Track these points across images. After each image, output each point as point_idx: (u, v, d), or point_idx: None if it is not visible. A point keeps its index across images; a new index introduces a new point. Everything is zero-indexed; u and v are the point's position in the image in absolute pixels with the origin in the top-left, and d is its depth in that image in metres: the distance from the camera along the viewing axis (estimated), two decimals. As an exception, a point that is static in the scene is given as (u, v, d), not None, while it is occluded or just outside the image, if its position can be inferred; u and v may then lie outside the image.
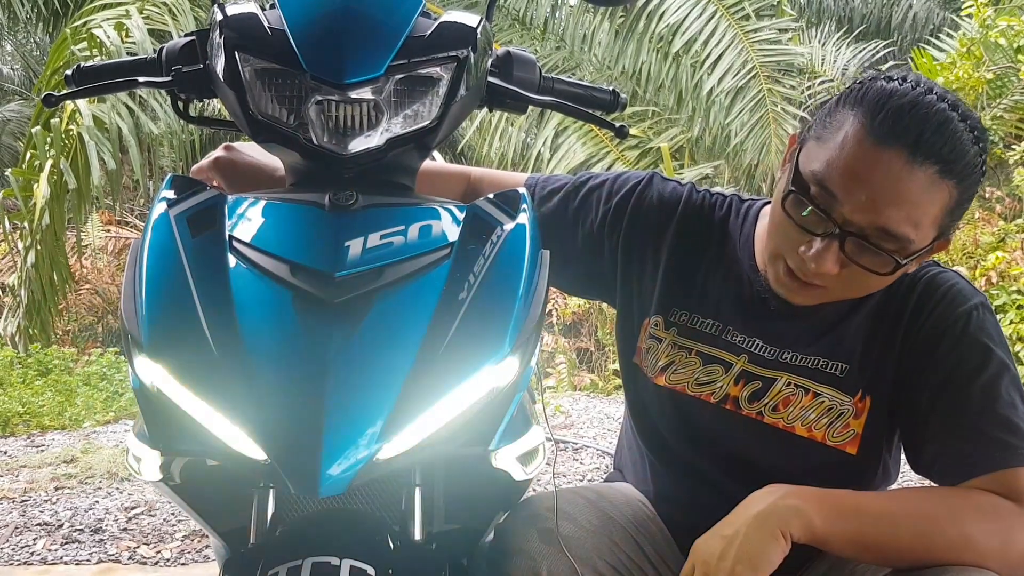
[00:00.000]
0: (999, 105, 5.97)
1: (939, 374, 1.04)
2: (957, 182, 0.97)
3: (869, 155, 0.95)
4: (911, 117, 0.95)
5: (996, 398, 1.02)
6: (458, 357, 0.80)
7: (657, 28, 6.16)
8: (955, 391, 1.03)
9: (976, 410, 1.02)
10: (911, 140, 0.94)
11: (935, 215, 0.98)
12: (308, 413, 0.75)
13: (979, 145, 0.99)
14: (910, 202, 0.95)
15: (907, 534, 0.95)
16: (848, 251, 0.98)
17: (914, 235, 0.97)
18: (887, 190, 0.95)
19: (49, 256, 4.59)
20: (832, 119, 1.00)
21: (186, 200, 0.91)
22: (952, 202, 0.98)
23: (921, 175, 0.95)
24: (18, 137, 9.55)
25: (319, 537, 0.88)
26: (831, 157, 0.98)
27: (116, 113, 4.50)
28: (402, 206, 0.91)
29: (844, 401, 1.09)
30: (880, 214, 0.96)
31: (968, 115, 0.99)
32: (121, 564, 2.61)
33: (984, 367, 1.03)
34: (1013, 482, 0.98)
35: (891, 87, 0.98)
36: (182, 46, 1.04)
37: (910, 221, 0.96)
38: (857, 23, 9.76)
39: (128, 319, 0.83)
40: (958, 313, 1.05)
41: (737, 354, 1.15)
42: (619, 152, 5.96)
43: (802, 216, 0.99)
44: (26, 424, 4.33)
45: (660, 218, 1.20)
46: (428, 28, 0.94)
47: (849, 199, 0.96)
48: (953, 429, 1.02)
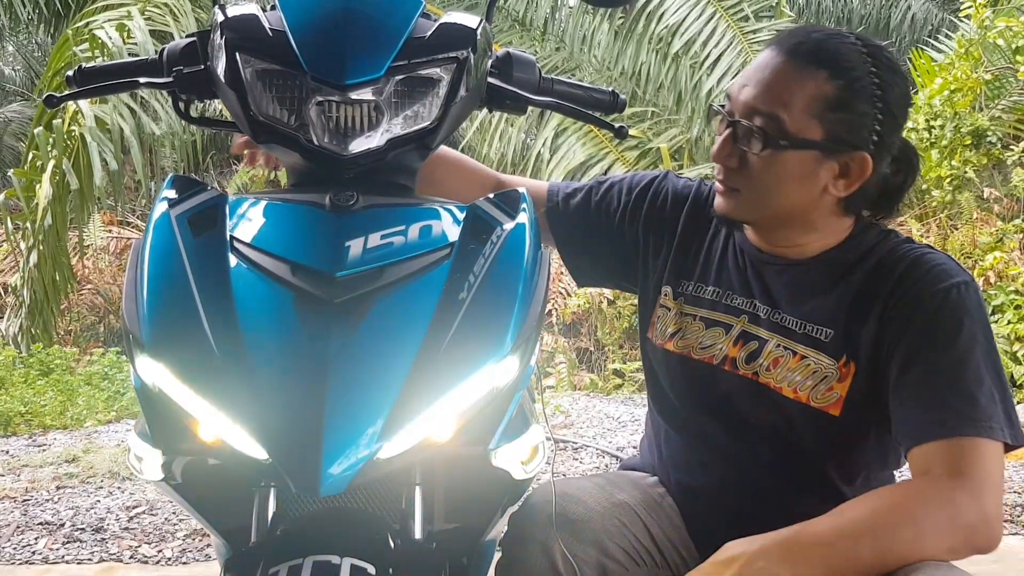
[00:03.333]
0: (997, 106, 5.97)
1: (913, 344, 1.07)
2: (831, 74, 1.08)
3: (756, 59, 1.14)
4: (803, 30, 1.14)
5: (963, 371, 1.05)
6: (458, 357, 0.81)
7: (656, 29, 6.16)
8: (925, 361, 1.06)
9: (941, 381, 1.05)
10: (795, 41, 1.11)
11: (805, 101, 1.08)
12: (309, 412, 0.76)
13: (870, 59, 1.10)
14: (777, 83, 1.09)
15: (867, 549, 0.97)
16: (739, 139, 1.11)
17: (784, 114, 1.08)
18: (759, 75, 1.11)
19: (51, 256, 4.59)
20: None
21: (187, 200, 0.91)
22: (827, 93, 1.07)
23: (792, 62, 1.09)
24: (20, 138, 9.55)
25: (320, 536, 0.88)
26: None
27: (118, 114, 4.50)
28: (402, 206, 0.92)
29: (828, 365, 1.12)
30: (752, 94, 1.10)
31: (869, 42, 1.13)
32: (123, 563, 2.61)
33: (955, 340, 1.06)
34: (959, 453, 1.01)
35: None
36: (183, 47, 1.05)
37: (778, 100, 1.08)
38: (856, 24, 9.75)
39: (129, 319, 0.83)
40: (939, 288, 1.08)
41: (737, 316, 1.21)
42: (619, 153, 5.96)
43: (714, 120, 1.16)
44: (28, 423, 4.33)
45: (673, 206, 1.30)
46: (428, 29, 0.95)
47: (734, 93, 1.13)
48: (917, 397, 1.06)
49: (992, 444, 1.02)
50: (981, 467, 1.01)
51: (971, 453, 1.01)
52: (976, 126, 5.63)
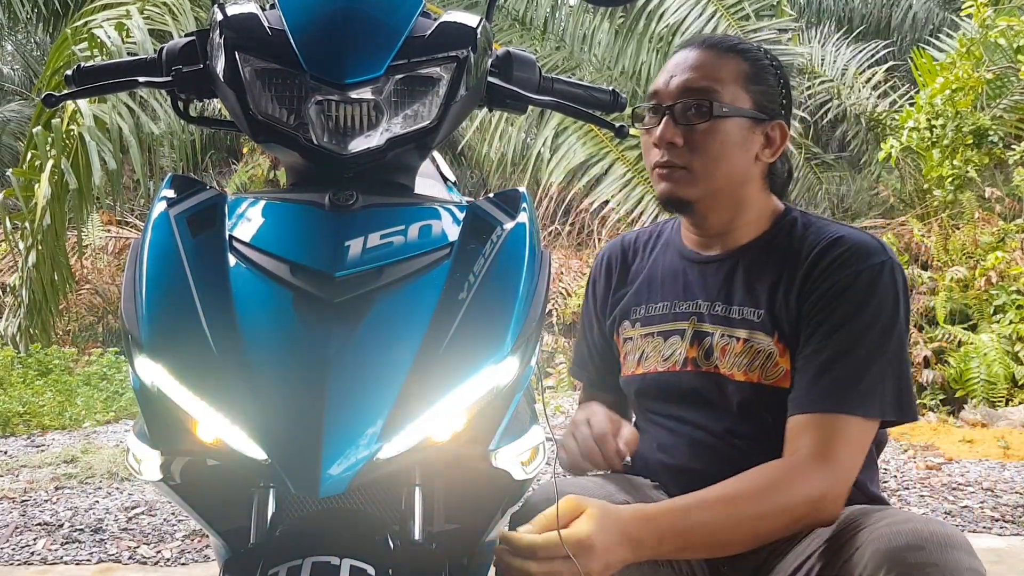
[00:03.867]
0: (999, 105, 5.98)
1: (818, 321, 1.17)
2: (740, 56, 1.27)
3: (671, 59, 1.31)
4: (700, 37, 1.33)
5: (854, 347, 1.14)
6: (458, 357, 0.80)
7: (657, 28, 6.16)
8: (823, 334, 1.16)
9: (830, 355, 1.14)
10: (691, 42, 1.31)
11: (731, 75, 1.25)
12: (308, 413, 0.75)
13: (761, 50, 1.30)
14: (703, 64, 1.26)
15: (723, 530, 1.06)
16: (678, 119, 1.24)
17: (719, 87, 1.24)
18: (684, 65, 1.27)
19: (50, 256, 4.59)
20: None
21: (186, 200, 0.91)
22: (745, 69, 1.26)
23: (707, 51, 1.28)
24: (19, 137, 9.55)
25: (319, 537, 0.88)
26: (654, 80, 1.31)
27: (117, 113, 4.49)
28: (402, 206, 0.91)
29: (767, 342, 1.22)
30: (683, 78, 1.26)
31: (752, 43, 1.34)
32: (121, 564, 2.61)
33: (855, 319, 1.15)
34: (827, 431, 1.11)
35: None
36: (182, 46, 1.04)
37: (708, 76, 1.25)
38: (857, 23, 9.75)
39: (128, 319, 0.83)
40: (853, 268, 1.17)
41: (687, 319, 1.31)
42: (619, 152, 5.96)
43: (644, 120, 1.29)
44: (26, 424, 4.33)
45: (610, 275, 1.46)
46: (428, 28, 0.94)
47: (662, 84, 1.28)
48: (807, 370, 1.16)
49: (863, 423, 1.12)
50: (844, 447, 1.11)
51: (838, 432, 1.11)
52: (977, 125, 5.63)
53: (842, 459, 1.10)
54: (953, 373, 4.75)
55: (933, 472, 3.57)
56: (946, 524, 1.02)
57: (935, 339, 4.94)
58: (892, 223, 6.17)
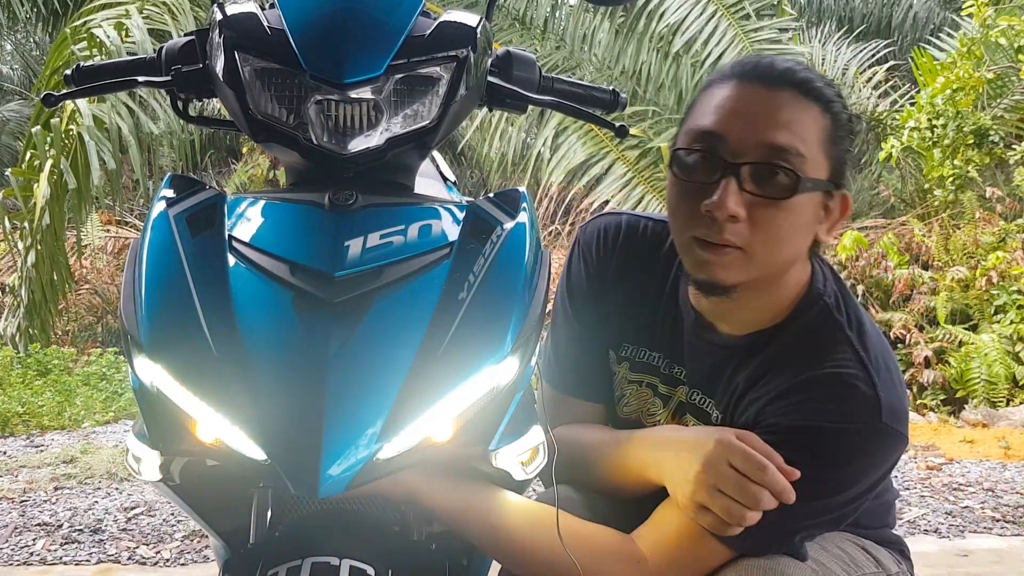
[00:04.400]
0: (999, 105, 5.97)
1: (773, 440, 0.98)
2: (821, 108, 1.01)
3: (735, 93, 1.01)
4: (756, 63, 1.04)
5: (800, 500, 0.96)
6: (458, 357, 0.80)
7: (657, 28, 6.15)
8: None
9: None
10: (764, 73, 1.02)
11: (815, 135, 1.00)
12: (308, 413, 0.75)
13: (831, 88, 1.04)
14: (785, 117, 0.99)
15: (480, 539, 0.99)
16: (747, 186, 0.98)
17: (803, 149, 0.98)
18: (760, 112, 0.99)
19: (49, 256, 4.58)
20: (697, 99, 1.07)
21: (185, 200, 0.91)
22: (826, 126, 1.01)
23: (785, 95, 1.00)
24: (18, 137, 9.55)
25: (319, 537, 0.88)
26: (703, 112, 1.03)
27: (116, 113, 4.49)
28: (402, 206, 0.91)
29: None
30: (763, 132, 0.98)
31: (814, 70, 1.07)
32: (120, 564, 2.61)
33: (814, 473, 0.97)
34: (685, 539, 1.00)
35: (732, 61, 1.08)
36: (182, 46, 1.04)
37: (794, 135, 0.98)
38: (857, 23, 9.75)
39: (127, 319, 0.83)
40: (831, 422, 1.00)
41: (676, 387, 1.17)
42: (619, 152, 5.95)
43: (692, 173, 1.01)
44: (25, 424, 4.32)
45: (595, 271, 1.21)
46: (428, 28, 0.94)
47: (730, 131, 0.99)
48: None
49: (722, 551, 0.99)
50: (685, 565, 1.00)
51: (696, 548, 0.99)
52: (978, 125, 5.63)
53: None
54: (954, 373, 4.75)
55: (934, 472, 3.57)
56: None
57: (936, 339, 4.94)
58: (893, 223, 6.17)
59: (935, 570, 2.58)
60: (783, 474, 0.95)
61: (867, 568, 1.14)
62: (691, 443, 1.00)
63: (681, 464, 1.00)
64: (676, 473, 1.01)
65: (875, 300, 5.25)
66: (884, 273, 5.27)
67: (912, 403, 4.83)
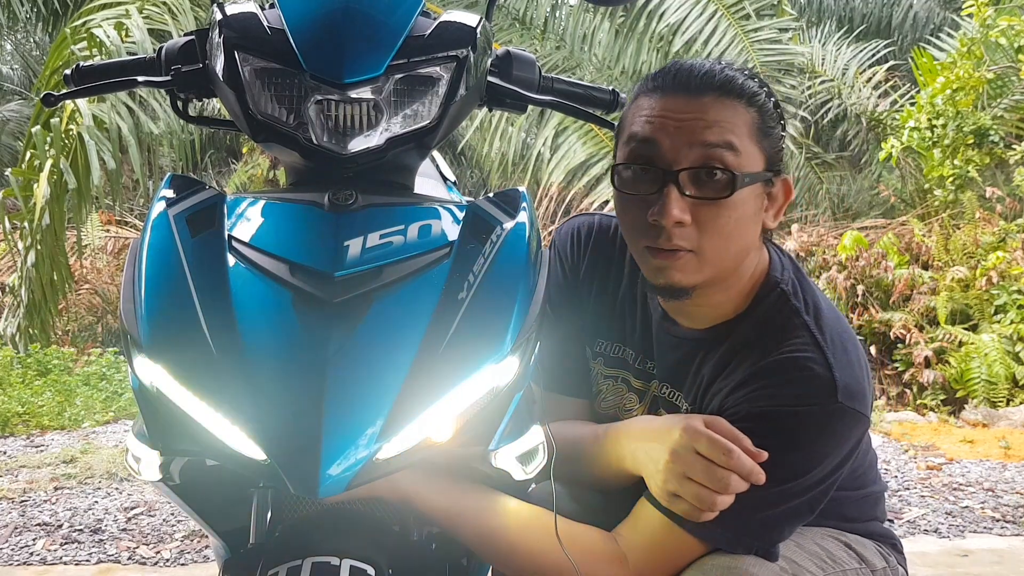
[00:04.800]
0: (999, 105, 5.98)
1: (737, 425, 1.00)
2: (745, 103, 1.03)
3: (660, 105, 1.03)
4: (674, 67, 1.06)
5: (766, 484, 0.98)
6: (458, 356, 0.80)
7: (657, 28, 6.16)
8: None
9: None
10: (682, 82, 1.03)
11: (745, 131, 1.02)
12: (307, 413, 0.75)
13: (753, 80, 1.06)
14: (711, 118, 1.01)
15: (472, 540, 1.00)
16: (688, 191, 1.00)
17: (736, 143, 1.00)
18: (689, 120, 1.01)
19: (49, 256, 4.58)
20: (624, 115, 1.09)
21: (185, 199, 0.91)
22: (753, 120, 1.03)
23: (707, 100, 1.02)
24: (18, 137, 9.55)
25: (318, 537, 0.88)
26: (632, 125, 1.05)
27: (116, 113, 4.49)
28: (401, 205, 0.91)
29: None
30: (692, 136, 1.00)
31: (731, 64, 1.08)
32: (120, 564, 2.61)
33: (778, 455, 0.98)
34: (662, 537, 1.01)
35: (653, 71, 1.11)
36: (181, 46, 1.04)
37: (722, 131, 1.00)
38: (857, 23, 9.74)
39: (127, 319, 0.83)
40: (789, 405, 1.01)
41: (649, 380, 1.19)
42: (619, 152, 5.95)
43: (634, 186, 1.04)
44: (25, 424, 4.32)
45: (569, 271, 1.24)
46: (428, 28, 0.94)
47: (662, 140, 1.01)
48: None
49: (697, 545, 1.01)
50: (662, 562, 1.02)
51: (670, 544, 1.01)
52: (978, 125, 5.63)
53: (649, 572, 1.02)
54: (954, 373, 4.75)
55: (934, 472, 3.57)
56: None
57: (936, 339, 4.95)
58: (893, 223, 6.18)
59: (935, 570, 2.58)
60: (751, 456, 0.96)
61: (847, 564, 1.14)
62: (659, 433, 1.02)
63: (651, 454, 1.02)
64: (648, 464, 1.03)
65: (875, 300, 5.26)
66: (884, 273, 5.27)
67: (912, 403, 4.84)
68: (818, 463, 1.02)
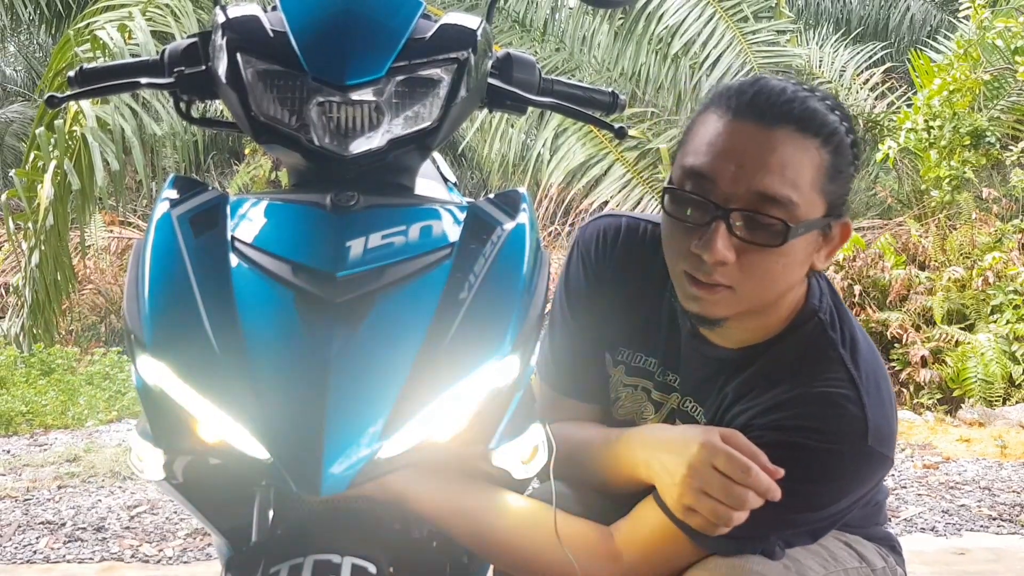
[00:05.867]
0: (996, 106, 5.98)
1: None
2: (821, 142, 0.98)
3: (727, 131, 0.99)
4: (753, 90, 1.00)
5: (778, 506, 0.97)
6: (459, 356, 0.81)
7: (656, 30, 6.16)
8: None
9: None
10: (759, 108, 0.98)
11: (811, 177, 0.97)
12: (310, 412, 0.76)
13: (836, 112, 1.01)
14: (779, 162, 0.96)
15: (469, 539, 1.00)
16: (737, 231, 0.97)
17: (796, 196, 0.96)
18: (753, 156, 0.97)
19: (53, 256, 4.59)
20: (692, 125, 1.04)
21: (188, 200, 0.91)
22: (824, 163, 0.98)
23: (780, 134, 0.97)
24: (21, 138, 9.54)
25: (321, 535, 0.89)
26: (695, 147, 1.01)
27: (119, 114, 4.50)
28: (403, 206, 0.92)
29: None
30: (754, 179, 0.96)
31: (816, 89, 1.02)
32: (124, 563, 2.61)
33: (798, 487, 0.98)
34: (660, 537, 1.02)
35: (735, 81, 1.04)
36: (184, 48, 1.05)
37: (786, 181, 0.96)
38: (855, 25, 9.74)
39: (131, 319, 0.83)
40: (818, 441, 1.00)
41: (670, 393, 1.17)
42: (618, 153, 5.96)
43: (685, 211, 1.00)
44: (29, 423, 4.33)
45: (593, 273, 1.20)
46: (429, 30, 0.95)
47: (721, 175, 0.97)
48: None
49: (695, 550, 1.01)
50: (658, 562, 1.02)
51: (669, 546, 1.01)
52: (975, 126, 5.63)
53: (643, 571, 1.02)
54: (950, 373, 4.76)
55: (930, 471, 3.57)
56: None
57: (932, 339, 4.95)
58: (890, 223, 6.18)
59: (932, 568, 2.58)
60: (767, 473, 0.96)
61: (848, 564, 1.14)
62: (677, 445, 1.01)
63: (667, 467, 1.01)
64: (663, 476, 1.02)
65: (872, 300, 5.26)
66: (881, 273, 5.28)
67: (909, 402, 4.84)
68: (835, 501, 1.03)
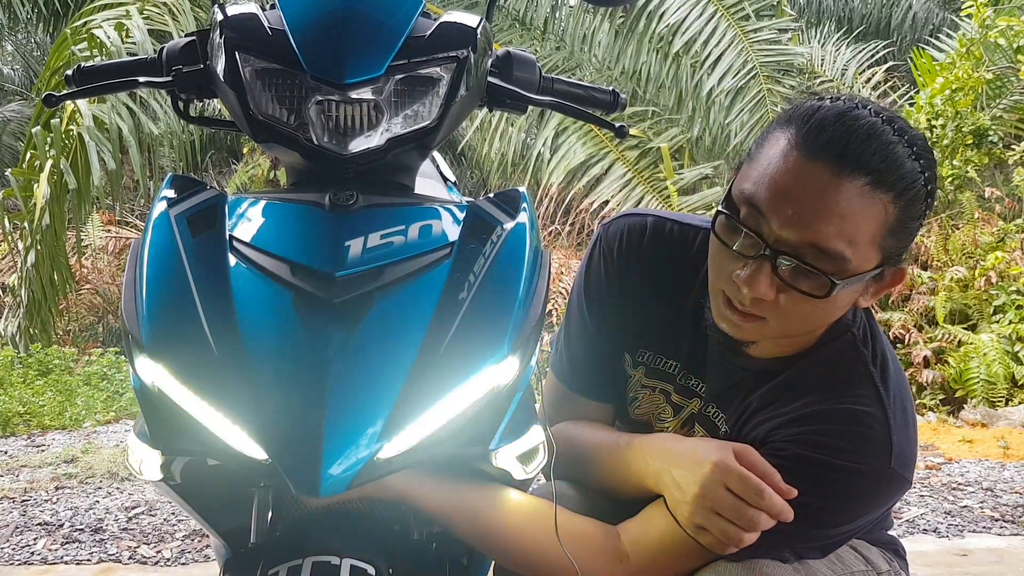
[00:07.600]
0: (998, 105, 5.97)
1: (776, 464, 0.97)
2: (894, 196, 0.93)
3: (794, 168, 0.93)
4: (836, 128, 0.93)
5: (796, 523, 0.96)
6: (458, 357, 0.81)
7: (657, 28, 6.16)
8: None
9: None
10: (836, 151, 0.91)
11: (871, 232, 0.93)
12: (308, 413, 0.76)
13: (919, 161, 0.95)
14: (839, 216, 0.91)
15: (471, 537, 0.99)
16: (782, 273, 0.94)
17: (849, 252, 0.92)
18: (814, 203, 0.92)
19: (49, 256, 4.59)
20: (765, 140, 0.99)
21: (186, 200, 0.91)
22: (891, 219, 0.93)
23: (850, 187, 0.91)
24: (18, 137, 9.54)
25: (319, 537, 0.88)
26: (759, 175, 0.96)
27: (116, 113, 4.50)
28: (402, 206, 0.91)
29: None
30: (809, 229, 0.92)
31: (906, 131, 0.95)
32: (121, 564, 2.61)
33: (799, 509, 0.96)
34: (670, 544, 1.01)
35: (820, 103, 0.96)
36: (182, 46, 1.04)
37: (842, 237, 0.92)
38: (857, 23, 9.75)
39: (129, 319, 0.83)
40: (840, 459, 0.98)
41: (692, 398, 1.16)
42: (619, 152, 5.96)
43: (733, 239, 0.97)
44: (27, 424, 4.32)
45: (615, 273, 1.17)
46: (428, 28, 0.94)
47: (776, 215, 0.93)
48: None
49: (703, 555, 1.00)
50: (665, 566, 1.01)
51: (677, 551, 1.00)
52: (977, 125, 5.63)
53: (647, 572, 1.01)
54: (953, 373, 4.76)
55: (933, 472, 3.57)
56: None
57: (935, 339, 4.95)
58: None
59: (934, 570, 2.58)
60: (781, 493, 0.95)
61: (855, 567, 1.14)
62: (690, 462, 1.00)
63: (679, 483, 1.00)
64: (674, 491, 1.01)
65: (874, 300, 5.26)
66: (883, 273, 5.27)
67: (911, 403, 4.84)
68: (850, 520, 1.03)
